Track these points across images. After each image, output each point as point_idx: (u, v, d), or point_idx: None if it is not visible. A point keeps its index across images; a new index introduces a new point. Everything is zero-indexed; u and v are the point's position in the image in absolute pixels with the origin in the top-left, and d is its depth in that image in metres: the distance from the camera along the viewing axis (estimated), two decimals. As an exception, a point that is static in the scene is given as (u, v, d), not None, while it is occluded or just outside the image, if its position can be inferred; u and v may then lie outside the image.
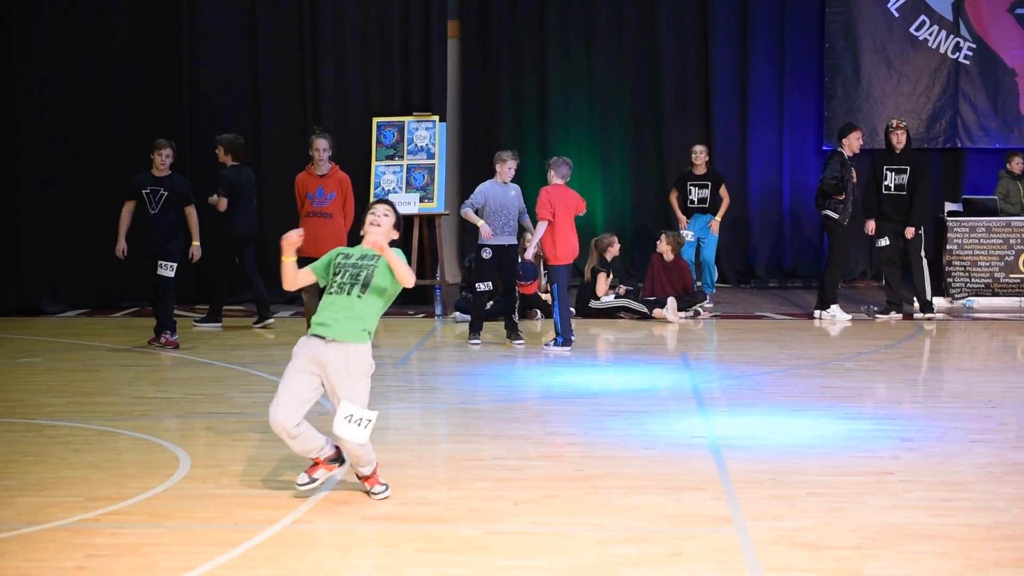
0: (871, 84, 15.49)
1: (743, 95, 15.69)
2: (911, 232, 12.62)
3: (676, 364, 10.33)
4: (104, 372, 9.94)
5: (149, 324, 12.32)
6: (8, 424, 7.89)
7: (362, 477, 6.16)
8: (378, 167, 14.12)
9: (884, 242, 12.78)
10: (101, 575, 5.05)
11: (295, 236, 6.22)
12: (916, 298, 12.76)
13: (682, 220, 13.76)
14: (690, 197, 13.78)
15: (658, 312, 12.67)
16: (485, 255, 11.19)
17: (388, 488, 6.14)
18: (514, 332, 11.26)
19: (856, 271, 15.65)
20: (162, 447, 7.19)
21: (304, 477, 6.08)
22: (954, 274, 13.60)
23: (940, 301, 13.42)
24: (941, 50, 15.40)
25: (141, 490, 6.26)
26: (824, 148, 15.39)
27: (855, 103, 15.48)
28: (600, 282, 12.94)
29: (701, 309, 13.07)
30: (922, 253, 12.75)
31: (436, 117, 14.21)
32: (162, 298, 11.08)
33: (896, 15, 15.42)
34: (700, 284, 13.74)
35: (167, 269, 10.98)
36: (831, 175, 12.43)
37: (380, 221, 6.25)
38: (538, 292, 12.68)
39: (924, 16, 15.38)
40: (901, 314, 12.73)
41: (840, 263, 12.85)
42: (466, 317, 12.76)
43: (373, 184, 14.04)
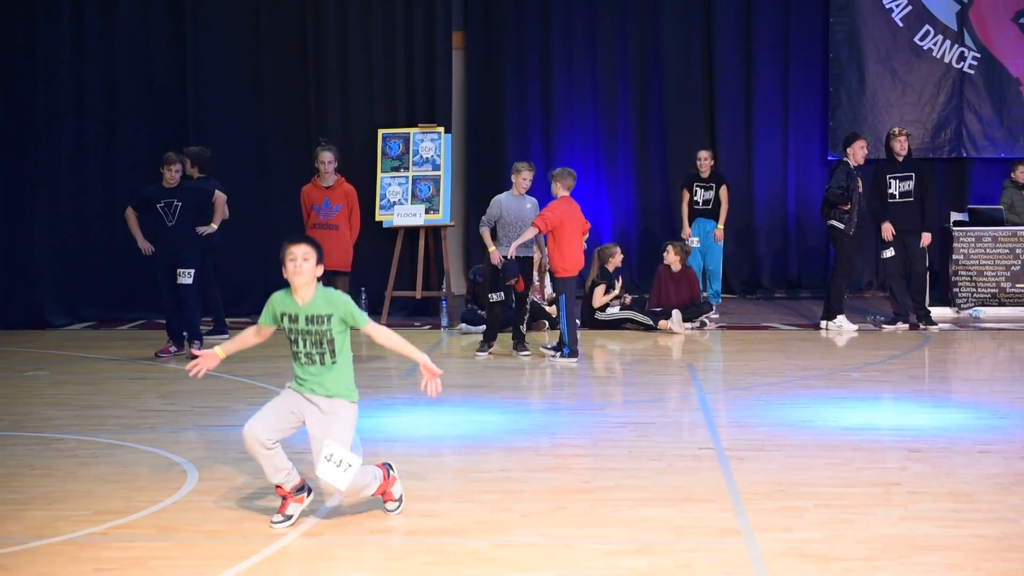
0: (876, 94, 15.49)
1: (747, 105, 15.70)
2: (927, 239, 12.61)
3: (683, 375, 10.32)
4: (111, 385, 9.95)
5: (155, 336, 12.35)
6: (15, 437, 7.90)
7: (380, 494, 6.05)
8: (383, 179, 14.14)
9: (889, 252, 12.77)
10: (109, 589, 5.05)
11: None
12: (914, 310, 12.72)
13: (685, 227, 13.78)
14: (695, 199, 13.82)
15: (663, 324, 12.66)
16: (497, 263, 11.20)
17: (290, 520, 5.88)
18: (520, 343, 11.26)
19: (862, 281, 15.64)
20: (170, 460, 7.19)
21: (278, 516, 5.87)
22: (960, 284, 13.59)
23: (946, 311, 13.41)
24: (946, 60, 15.40)
25: (149, 503, 6.26)
26: (829, 158, 15.40)
27: (860, 113, 15.49)
28: (597, 295, 12.94)
29: (707, 320, 13.06)
30: (926, 263, 12.71)
31: (441, 128, 14.23)
32: (184, 307, 11.13)
33: (900, 25, 15.43)
34: (706, 295, 13.73)
35: (186, 276, 11.01)
36: (836, 185, 12.42)
37: (301, 269, 5.77)
38: (533, 298, 12.53)
39: (928, 26, 15.38)
40: (908, 324, 12.71)
41: (846, 273, 12.85)
42: (471, 328, 12.78)
43: (379, 196, 14.06)
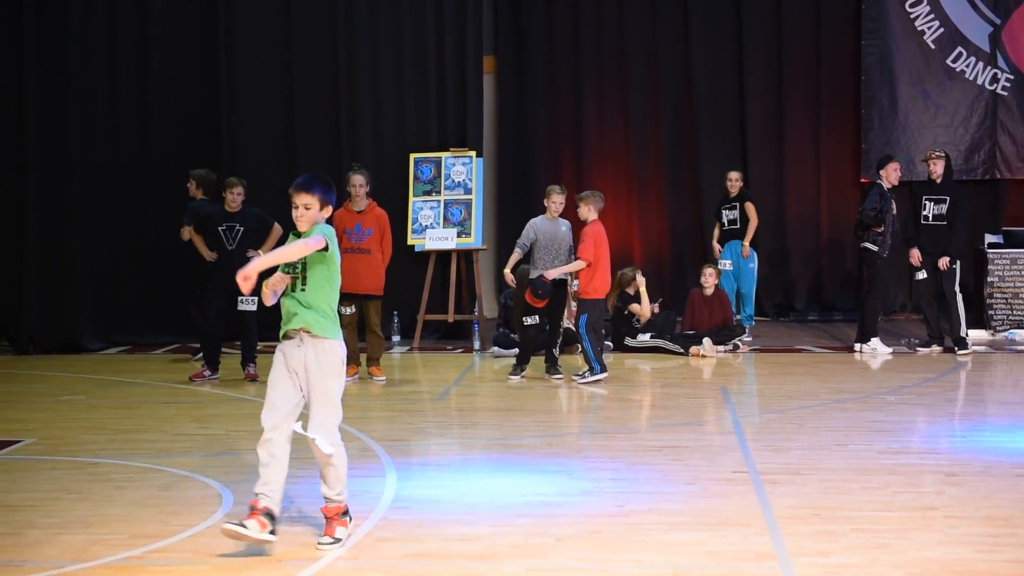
0: (908, 116, 15.45)
1: (779, 127, 15.69)
2: (944, 263, 12.50)
3: (716, 398, 10.29)
4: (145, 409, 10.00)
5: (188, 362, 12.43)
6: (52, 461, 7.95)
7: (328, 511, 5.95)
8: (415, 203, 14.19)
9: (922, 275, 12.69)
10: (146, 613, 5.07)
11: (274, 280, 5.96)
12: (949, 334, 12.58)
13: (715, 249, 13.78)
14: (722, 221, 13.83)
15: (695, 351, 12.62)
16: (545, 275, 11.21)
17: (341, 543, 5.88)
18: (553, 366, 11.26)
19: (896, 304, 15.55)
20: (205, 484, 7.22)
21: (235, 520, 5.82)
22: (995, 306, 13.51)
23: (982, 334, 13.33)
24: (978, 81, 15.34)
25: (185, 527, 6.28)
26: (862, 180, 15.34)
27: (892, 135, 15.44)
28: (636, 310, 13.01)
29: (740, 343, 13.02)
30: (956, 288, 12.52)
31: (473, 152, 14.28)
32: (245, 332, 11.24)
33: (932, 47, 15.39)
34: (739, 317, 13.70)
35: (250, 303, 11.04)
36: (870, 207, 12.38)
37: (302, 217, 5.99)
38: (567, 323, 12.50)
39: (960, 48, 15.33)
40: (942, 347, 12.63)
41: (880, 296, 12.79)
42: (504, 352, 12.78)
43: (411, 220, 14.10)
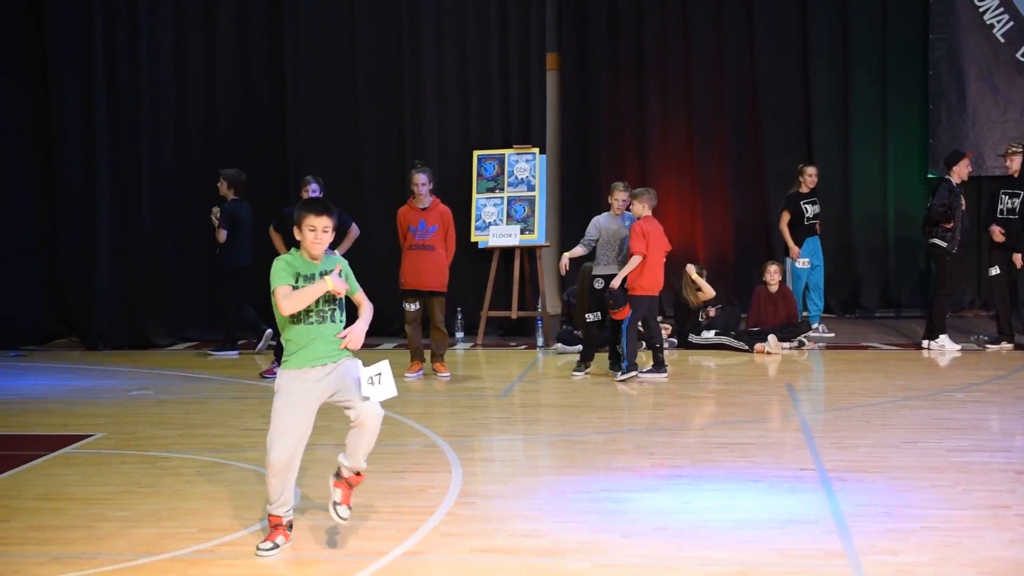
0: (976, 111, 15.24)
1: (845, 123, 15.53)
2: (1020, 260, 12.35)
3: (781, 395, 10.22)
4: (213, 404, 10.10)
5: (255, 357, 12.55)
6: (122, 456, 8.05)
7: (348, 477, 5.80)
8: (479, 200, 14.22)
9: (995, 271, 12.53)
10: (217, 605, 5.12)
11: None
12: (1022, 332, 12.43)
13: (794, 249, 13.58)
14: (807, 215, 13.60)
15: (759, 347, 12.55)
16: (597, 285, 11.20)
17: (278, 549, 5.76)
18: (617, 363, 11.23)
19: (964, 300, 15.34)
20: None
21: (267, 544, 5.78)
22: (1068, 302, 13.28)
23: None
24: (1049, 75, 15.12)
25: (253, 521, 6.34)
26: (929, 176, 15.16)
27: (960, 130, 15.23)
28: (698, 295, 12.97)
29: (805, 339, 12.92)
30: None
31: (536, 149, 14.28)
32: None
33: (1002, 40, 15.17)
34: (807, 314, 13.60)
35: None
36: (939, 203, 12.24)
37: (322, 240, 5.80)
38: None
39: (1031, 41, 15.11)
40: (1012, 344, 12.46)
41: (948, 292, 12.63)
42: (567, 349, 12.78)
43: (474, 216, 14.13)
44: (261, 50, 14.59)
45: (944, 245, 12.37)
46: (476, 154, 14.39)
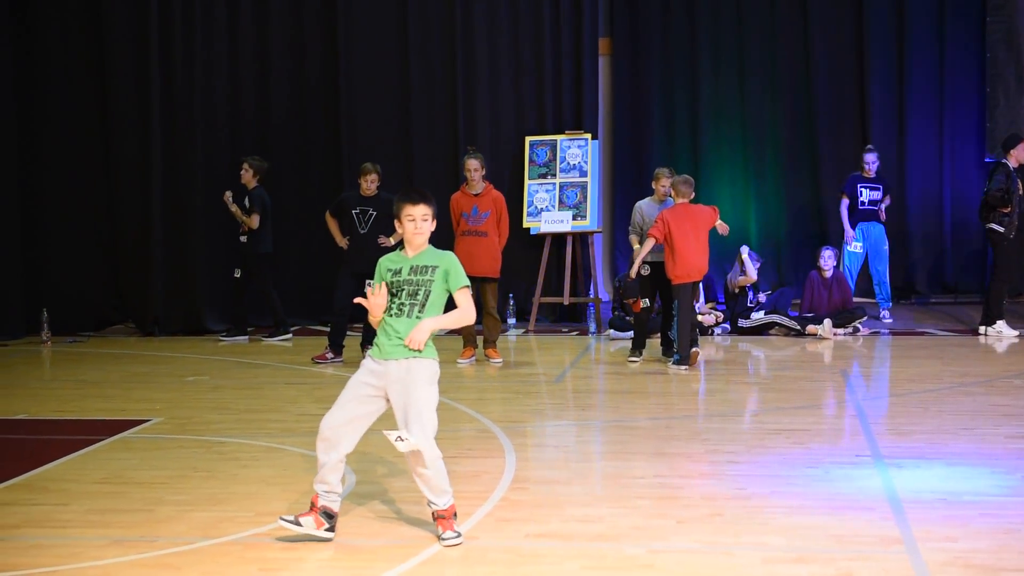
0: (1035, 94, 15.04)
1: (901, 106, 15.35)
2: None
3: (836, 381, 10.15)
4: (268, 390, 10.18)
5: (309, 343, 12.64)
6: (179, 440, 8.14)
7: (436, 515, 5.72)
8: (531, 185, 14.21)
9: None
10: (274, 588, 5.17)
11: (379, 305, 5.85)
12: None
13: (850, 232, 13.54)
14: (861, 199, 13.56)
15: (812, 328, 12.48)
16: (643, 272, 11.17)
17: (461, 537, 5.69)
18: (669, 350, 11.19)
19: (1022, 286, 15.14)
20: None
21: (291, 516, 5.76)
22: None
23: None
24: (1109, 57, 14.88)
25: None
26: (986, 160, 14.97)
27: (1019, 113, 15.01)
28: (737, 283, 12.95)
29: (860, 325, 12.83)
30: None
31: (588, 135, 14.26)
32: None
33: (1061, 22, 14.95)
34: (859, 302, 13.52)
35: None
36: (996, 187, 12.11)
37: (423, 230, 5.85)
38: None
39: (1090, 22, 14.88)
40: (1070, 329, 12.32)
41: (1006, 278, 12.49)
42: (619, 335, 12.77)
43: (526, 202, 14.13)
44: (314, 39, 14.64)
45: (1001, 230, 12.23)
46: (528, 140, 14.38)
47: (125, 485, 6.92)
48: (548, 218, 14.00)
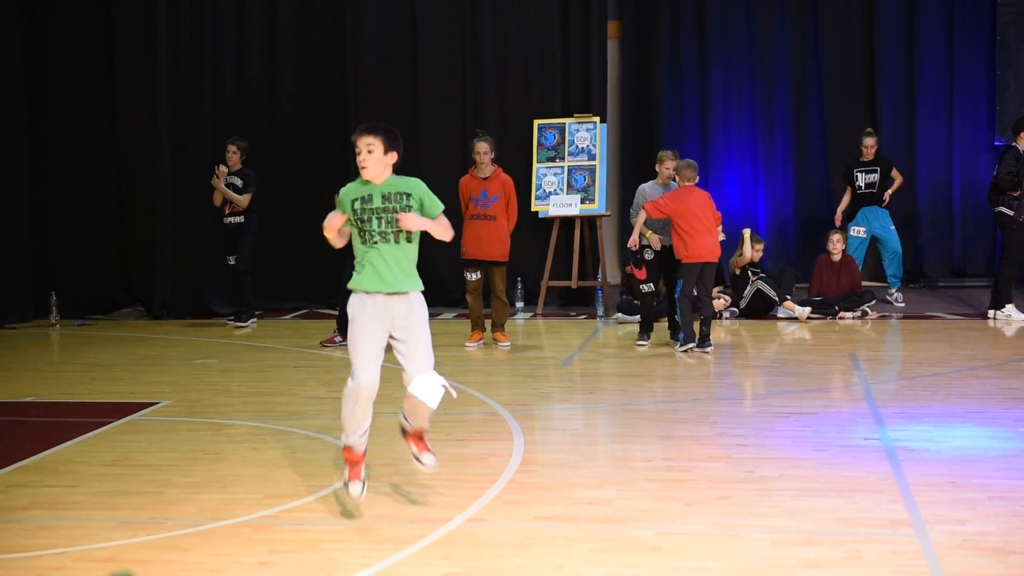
0: (1045, 76, 14.99)
1: (910, 90, 15.30)
2: None
3: (844, 364, 10.14)
4: (277, 373, 10.19)
5: (317, 327, 12.65)
6: (188, 423, 8.15)
7: (419, 434, 6.01)
8: (539, 169, 14.19)
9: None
10: (283, 570, 5.17)
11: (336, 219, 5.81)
12: None
13: (838, 218, 13.66)
14: (857, 183, 13.60)
15: (788, 304, 12.64)
16: (647, 256, 11.16)
17: (364, 486, 5.89)
18: (676, 334, 11.18)
19: (1032, 269, 15.11)
20: (335, 446, 7.32)
21: (356, 484, 5.86)
22: None
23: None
24: (1120, 40, 14.82)
25: (318, 488, 6.40)
26: (996, 143, 14.92)
27: (1029, 96, 14.99)
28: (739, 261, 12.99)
29: (868, 309, 12.81)
30: None
31: (597, 118, 14.23)
32: None
33: (1072, 4, 14.88)
34: (866, 285, 13.52)
35: None
36: (1006, 170, 12.06)
37: (366, 161, 5.77)
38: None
39: (1102, 5, 14.81)
40: (1079, 313, 12.29)
41: (1015, 261, 12.44)
42: (627, 318, 12.76)
43: (535, 186, 14.12)
44: (323, 24, 14.62)
45: (1011, 213, 12.19)
46: (536, 123, 14.36)
47: (134, 467, 6.94)
48: (556, 202, 13.98)
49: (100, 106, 14.37)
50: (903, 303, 13.55)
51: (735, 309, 12.97)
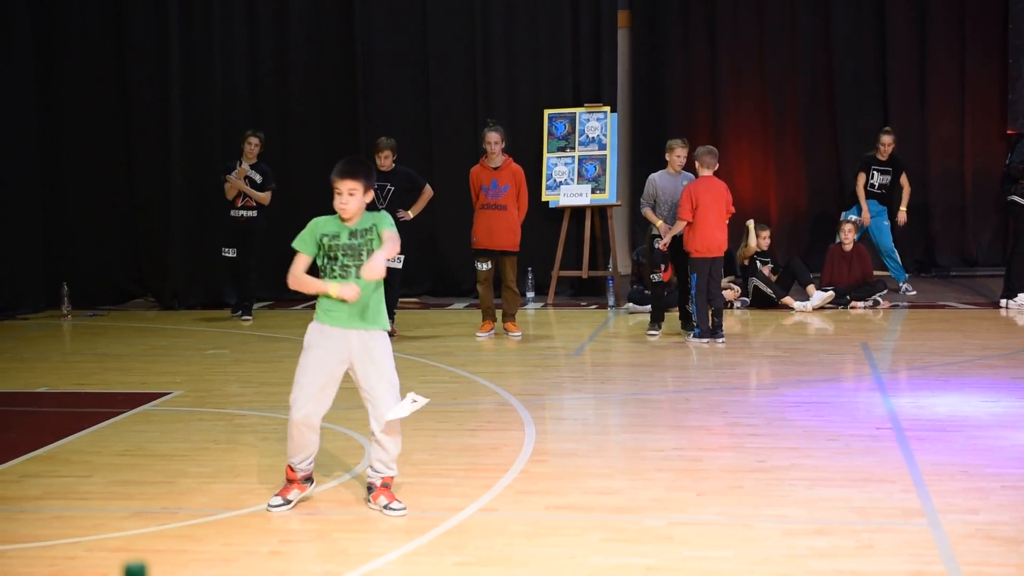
0: (1057, 66, 14.91)
1: (921, 78, 15.24)
2: None
3: (856, 354, 10.12)
4: (288, 363, 10.07)
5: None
6: (200, 413, 8.17)
7: (384, 482, 5.82)
8: (550, 159, 14.18)
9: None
10: (295, 560, 5.18)
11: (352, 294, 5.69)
12: None
13: (866, 210, 13.56)
14: (871, 182, 13.58)
15: (787, 300, 12.62)
16: (657, 245, 11.13)
17: (289, 504, 5.82)
18: (688, 323, 11.17)
19: (1043, 258, 15.04)
20: (348, 436, 7.34)
21: (278, 499, 5.85)
22: None
23: None
24: None
25: (330, 478, 6.40)
26: (1008, 132, 14.86)
27: (1041, 85, 14.92)
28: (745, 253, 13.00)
29: (880, 299, 12.78)
30: None
31: (607, 108, 14.21)
32: (388, 289, 11.34)
33: (1084, -8, 14.80)
34: (891, 276, 13.54)
35: (396, 262, 11.02)
36: (1019, 159, 12.04)
37: (347, 204, 5.70)
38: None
39: (1114, -7, 14.72)
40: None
41: (1027, 249, 12.42)
42: (638, 308, 12.75)
43: (545, 176, 14.10)
44: (333, 15, 14.61)
45: (1023, 202, 12.15)
46: (547, 113, 14.34)
47: (146, 457, 6.96)
48: (567, 191, 13.96)
49: (112, 97, 14.39)
50: (914, 291, 13.51)
51: (746, 299, 12.96)
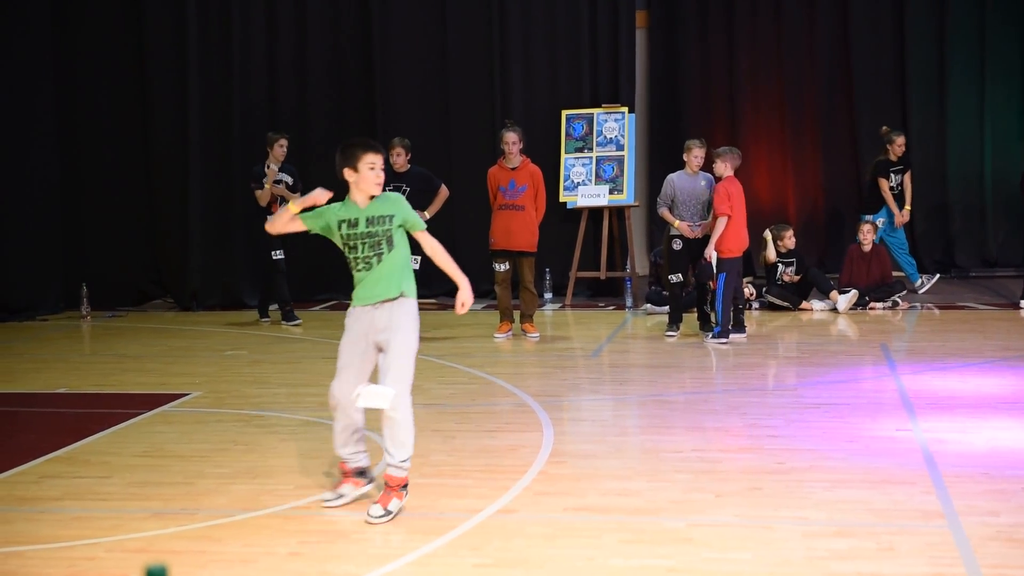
0: (1077, 66, 14.82)
1: (941, 78, 15.14)
2: None
3: (876, 355, 10.08)
4: (307, 364, 10.21)
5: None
6: (218, 414, 8.18)
7: (386, 479, 5.73)
8: (567, 159, 14.17)
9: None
10: (314, 560, 5.18)
11: (321, 196, 5.86)
12: None
13: (898, 214, 13.61)
14: (892, 184, 13.58)
15: (806, 305, 12.60)
16: (675, 246, 11.10)
17: (390, 516, 5.65)
18: (707, 324, 11.14)
19: (1065, 259, 14.97)
20: (367, 437, 7.32)
21: (328, 494, 5.95)
22: None
23: None
24: None
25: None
26: (1028, 132, 14.80)
27: (1062, 85, 14.83)
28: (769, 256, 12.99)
29: (899, 300, 12.74)
30: None
31: (625, 108, 14.19)
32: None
33: (1106, -10, 14.71)
34: (906, 276, 13.52)
35: (414, 263, 11.00)
36: (1039, 159, 11.98)
37: (380, 175, 5.81)
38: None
39: None
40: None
41: (1048, 251, 12.37)
42: (656, 309, 12.72)
43: (563, 176, 14.09)
44: (350, 14, 14.63)
45: (1044, 203, 12.11)
46: (565, 113, 14.33)
47: (165, 458, 6.97)
48: (585, 192, 13.95)
49: (130, 99, 14.42)
50: (928, 285, 13.46)
51: (763, 299, 12.94)
